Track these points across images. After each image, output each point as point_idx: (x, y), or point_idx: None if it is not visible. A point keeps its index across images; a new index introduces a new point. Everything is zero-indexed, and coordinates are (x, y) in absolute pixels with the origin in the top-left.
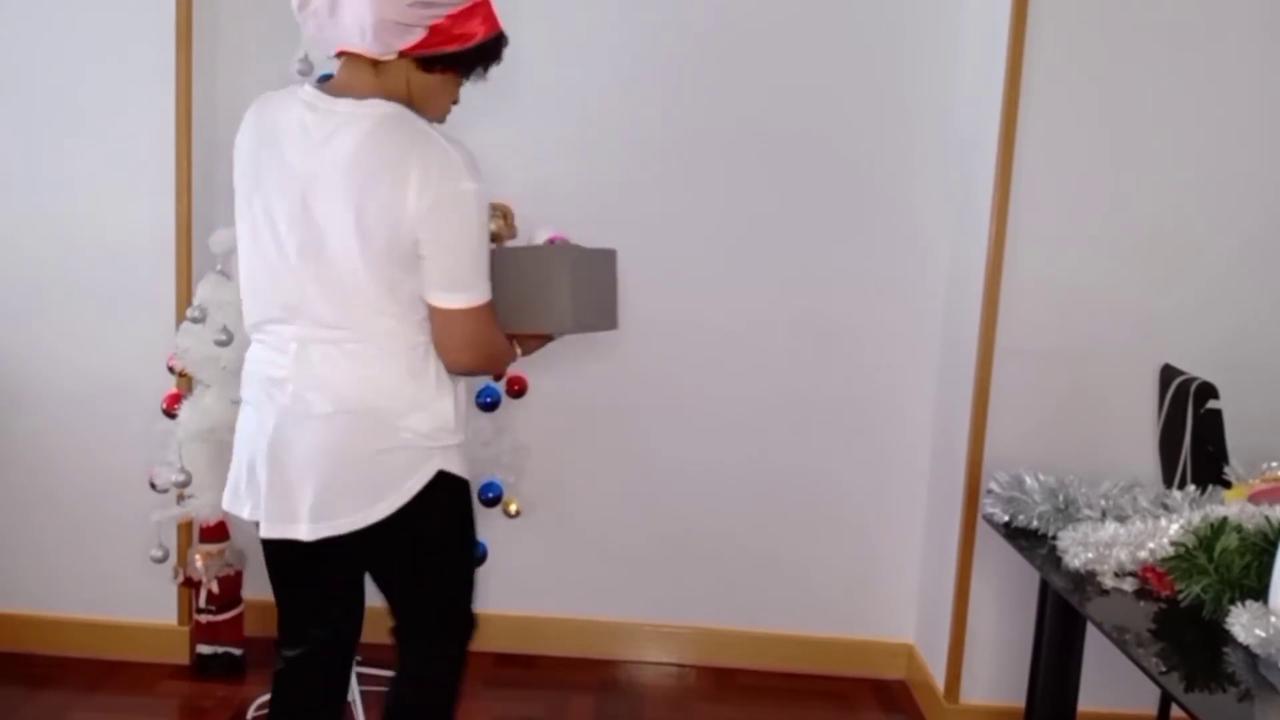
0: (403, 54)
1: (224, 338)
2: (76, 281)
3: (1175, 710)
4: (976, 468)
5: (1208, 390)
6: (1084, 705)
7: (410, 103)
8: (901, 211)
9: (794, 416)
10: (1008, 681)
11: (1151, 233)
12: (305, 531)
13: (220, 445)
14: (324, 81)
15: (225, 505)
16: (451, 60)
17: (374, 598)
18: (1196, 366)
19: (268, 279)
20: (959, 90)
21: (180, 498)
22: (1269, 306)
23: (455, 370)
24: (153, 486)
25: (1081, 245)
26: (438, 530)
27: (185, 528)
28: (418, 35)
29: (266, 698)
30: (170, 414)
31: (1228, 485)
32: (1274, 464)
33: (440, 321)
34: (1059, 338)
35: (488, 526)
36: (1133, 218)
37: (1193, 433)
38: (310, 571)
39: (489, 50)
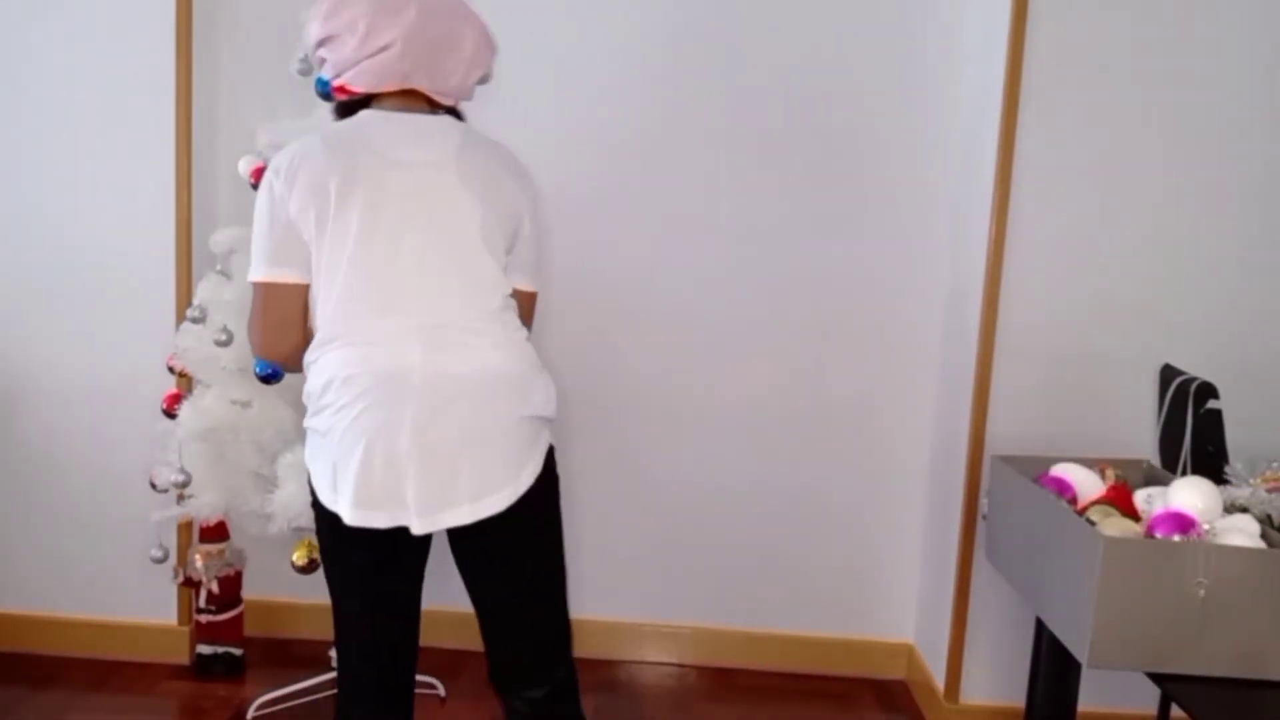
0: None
1: (224, 338)
2: (76, 281)
3: (1175, 710)
4: (976, 467)
5: (1208, 390)
6: (1084, 705)
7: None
8: (902, 211)
9: (794, 416)
10: (1008, 681)
11: (1151, 233)
12: (466, 514)
13: (220, 445)
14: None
15: (351, 520)
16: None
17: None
18: (1196, 366)
19: (382, 281)
20: (959, 90)
21: (180, 498)
22: (1269, 306)
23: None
24: (153, 486)
25: (1081, 245)
26: (553, 511)
27: (185, 528)
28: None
29: (267, 697)
30: (170, 414)
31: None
32: (1275, 464)
33: (525, 302)
34: (1059, 338)
35: None
36: (1133, 218)
37: (1193, 433)
38: (411, 567)
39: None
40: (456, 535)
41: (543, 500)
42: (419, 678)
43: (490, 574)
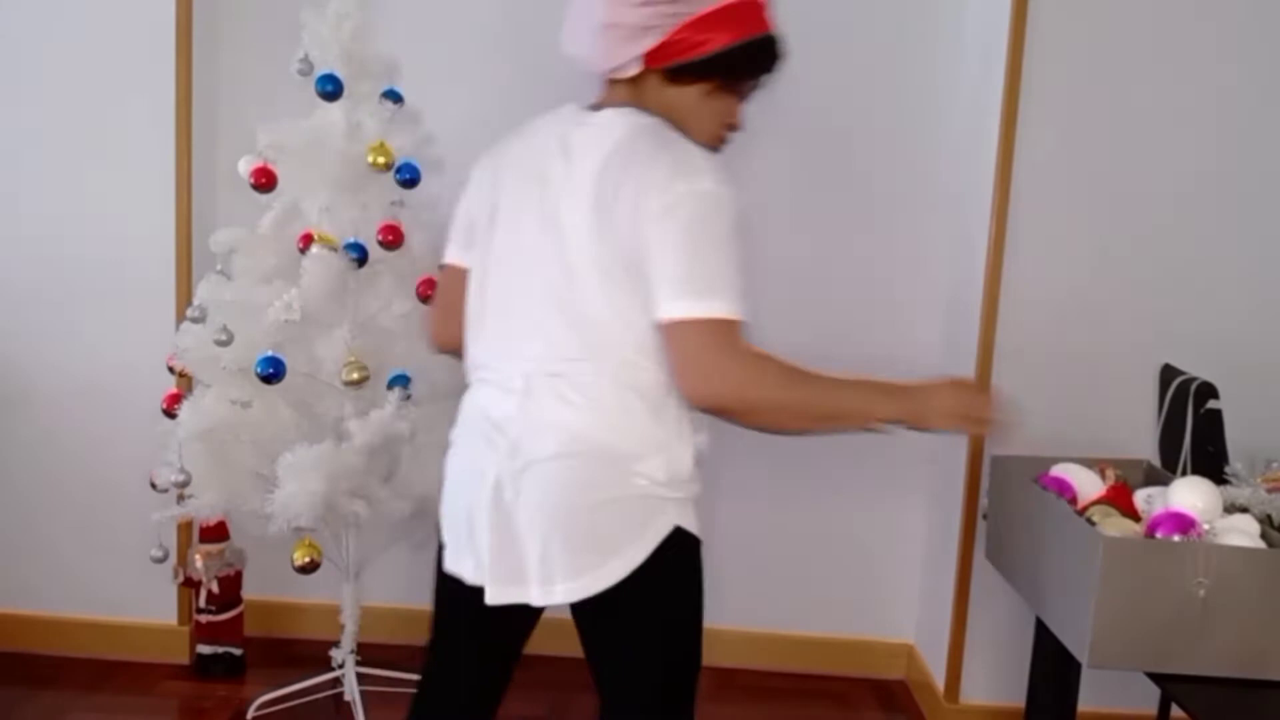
0: (648, 65)
1: (224, 338)
2: (76, 281)
3: (1175, 710)
4: (977, 467)
5: (1208, 390)
6: (1084, 705)
7: (672, 122)
8: (902, 212)
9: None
10: (1008, 681)
11: (1152, 233)
12: (537, 596)
13: (220, 445)
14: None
15: (447, 565)
16: (700, 70)
17: (375, 596)
18: (1196, 366)
19: (501, 310)
20: (959, 90)
21: (180, 498)
22: (1269, 306)
23: (704, 406)
24: (153, 486)
25: (1081, 245)
26: (675, 603)
27: (185, 528)
28: (651, 41)
29: (267, 697)
30: (170, 414)
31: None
32: (1275, 464)
33: (671, 341)
34: (1059, 338)
35: None
36: (1133, 218)
37: (1193, 433)
38: (498, 630)
39: (746, 58)
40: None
41: (643, 601)
42: (418, 677)
43: (591, 657)
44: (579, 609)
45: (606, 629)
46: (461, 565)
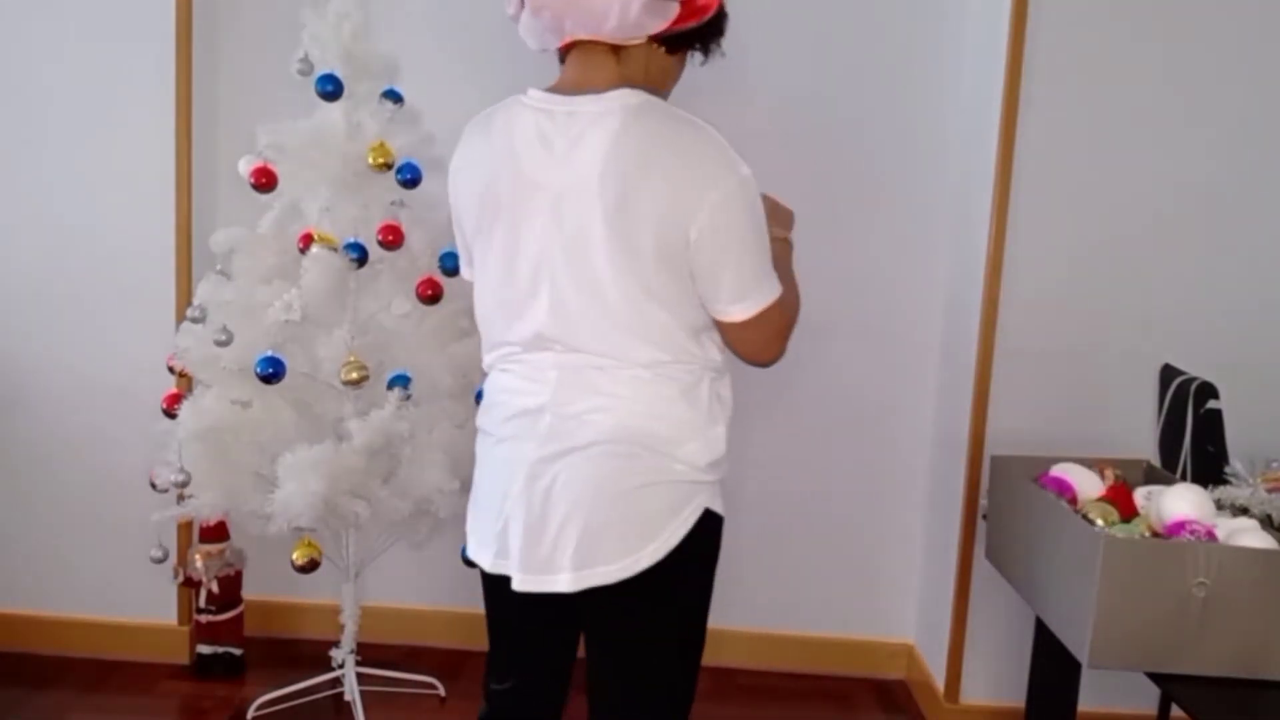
0: (653, 36)
1: (224, 338)
2: (76, 282)
3: (1175, 710)
4: (977, 467)
5: (1208, 390)
6: (1084, 705)
7: (649, 91)
8: (902, 211)
9: (794, 416)
10: (1008, 681)
11: (1151, 233)
12: (567, 582)
13: (220, 445)
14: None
15: (470, 553)
16: (692, 38)
17: (376, 596)
18: (1196, 366)
19: (516, 306)
20: (959, 90)
21: (180, 498)
22: (1269, 306)
23: (760, 365)
24: (153, 486)
25: (1081, 245)
26: (698, 582)
27: (185, 528)
28: (673, 12)
29: (267, 697)
30: (170, 414)
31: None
32: (1275, 464)
33: (733, 334)
34: (1059, 338)
35: None
36: (1132, 218)
37: (1193, 433)
38: (542, 617)
39: (721, 21)
40: (581, 599)
41: (671, 580)
42: (418, 677)
43: (594, 657)
44: (603, 593)
45: (633, 609)
46: (481, 554)
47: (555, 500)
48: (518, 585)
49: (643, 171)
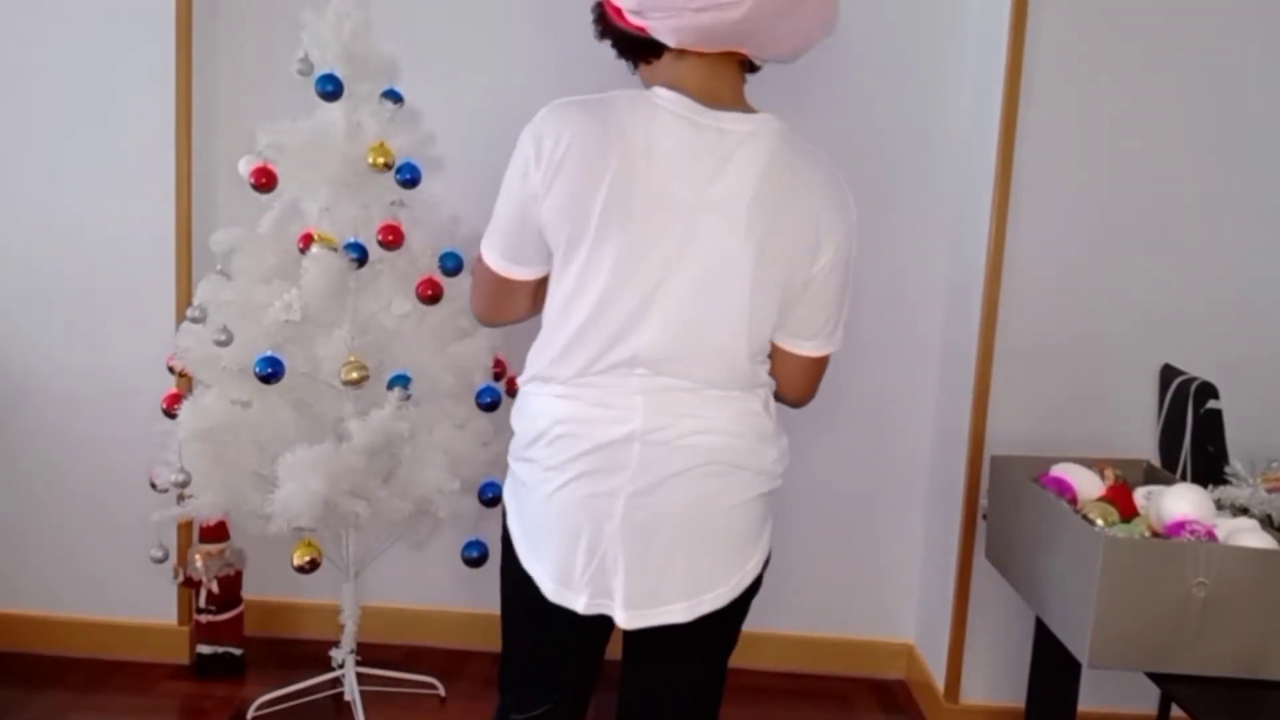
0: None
1: (224, 338)
2: (76, 281)
3: (1175, 710)
4: (977, 467)
5: (1208, 390)
6: (1084, 705)
7: None
8: (902, 211)
9: (794, 416)
10: (1008, 681)
11: (1151, 233)
12: (681, 612)
13: (220, 445)
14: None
15: (552, 597)
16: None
17: (376, 596)
18: (1196, 366)
19: (620, 324)
20: (959, 90)
21: (180, 498)
22: (1269, 306)
23: (796, 404)
24: (153, 486)
25: (1081, 245)
26: (746, 613)
27: (185, 528)
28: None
29: (267, 697)
30: (170, 414)
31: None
32: (1275, 464)
33: (791, 367)
34: (1059, 337)
35: (488, 527)
36: (1133, 217)
37: (1193, 433)
38: (596, 644)
39: None
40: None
41: (748, 599)
42: (418, 677)
43: (652, 680)
44: (706, 619)
45: (730, 624)
46: (576, 600)
47: (658, 532)
48: (628, 624)
49: (790, 204)
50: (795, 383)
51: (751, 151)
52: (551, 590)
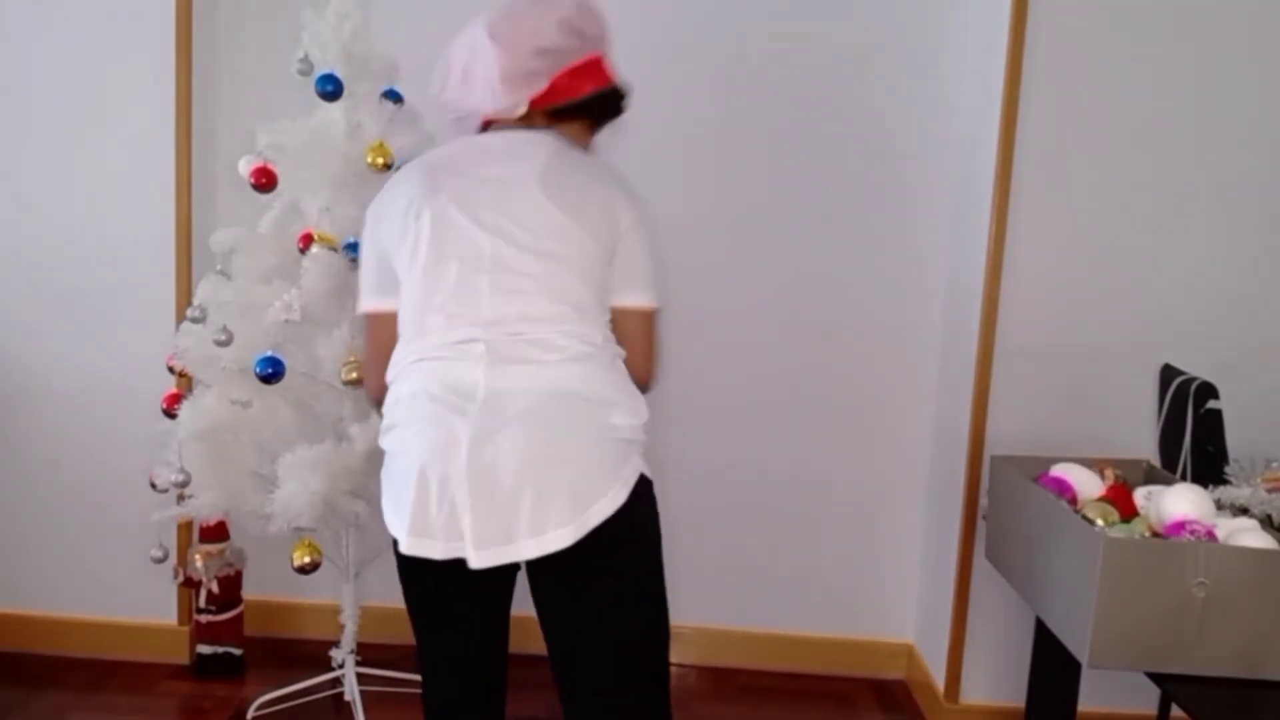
0: (533, 107)
1: (224, 338)
2: (76, 281)
3: (1175, 710)
4: (977, 467)
5: (1208, 390)
6: (1084, 705)
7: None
8: (902, 211)
9: (794, 416)
10: (1008, 681)
11: (1151, 233)
12: (531, 548)
13: (220, 445)
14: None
15: (406, 548)
16: (575, 110)
17: (375, 596)
18: (1196, 366)
19: (450, 293)
20: (959, 90)
21: (180, 498)
22: (1269, 306)
23: (643, 390)
24: (153, 486)
25: (1081, 245)
26: (643, 553)
27: (185, 528)
28: (542, 86)
29: (267, 697)
30: (170, 414)
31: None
32: (1275, 464)
33: (638, 326)
34: (1059, 338)
35: None
36: (1133, 218)
37: (1193, 433)
38: (482, 594)
39: (604, 103)
40: (530, 572)
41: (627, 538)
42: (418, 677)
43: (563, 624)
44: (563, 558)
45: (598, 574)
46: (430, 547)
47: (502, 472)
48: (476, 562)
49: (584, 182)
50: (632, 350)
51: (534, 148)
52: (406, 543)
